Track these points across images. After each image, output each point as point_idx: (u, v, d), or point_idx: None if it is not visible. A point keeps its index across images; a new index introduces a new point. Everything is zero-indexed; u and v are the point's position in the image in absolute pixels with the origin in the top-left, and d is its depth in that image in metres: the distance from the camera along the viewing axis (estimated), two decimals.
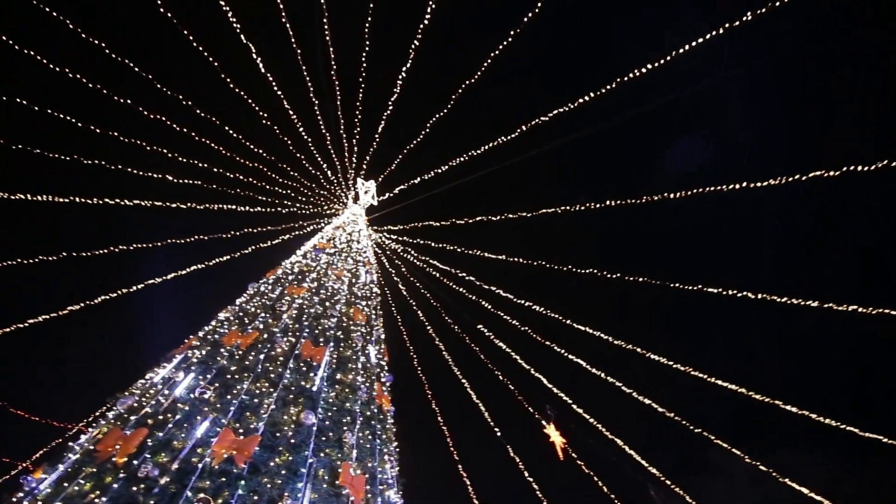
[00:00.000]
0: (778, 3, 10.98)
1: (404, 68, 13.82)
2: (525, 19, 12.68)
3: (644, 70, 11.77)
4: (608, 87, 12.60)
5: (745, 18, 11.39)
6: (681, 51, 11.37)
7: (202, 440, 12.55)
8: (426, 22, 12.48)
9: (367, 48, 14.22)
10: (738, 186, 12.76)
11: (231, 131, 16.31)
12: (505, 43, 13.31)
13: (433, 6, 12.20)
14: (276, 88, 13.81)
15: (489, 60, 13.39)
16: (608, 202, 14.74)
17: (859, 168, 11.79)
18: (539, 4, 12.98)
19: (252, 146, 16.88)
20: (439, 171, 16.23)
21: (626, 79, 12.32)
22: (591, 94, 13.52)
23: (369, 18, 12.76)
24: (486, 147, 14.83)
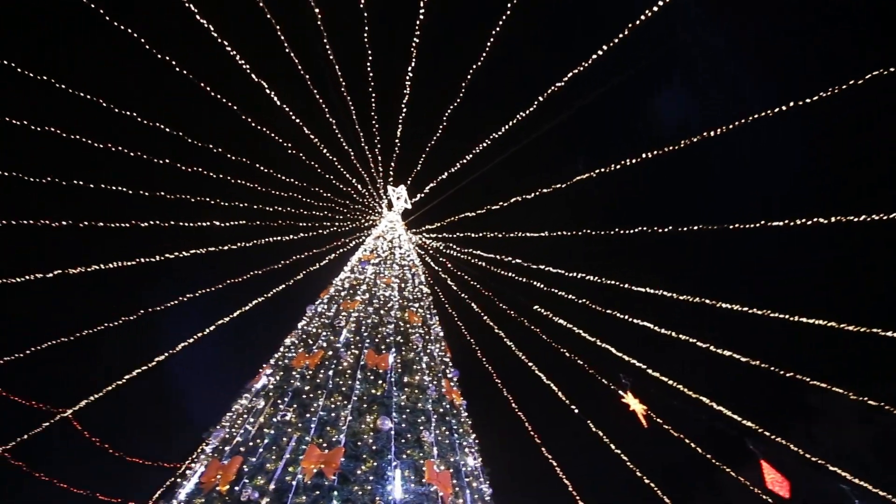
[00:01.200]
0: None
1: (409, 68, 14.56)
2: None
3: (634, 24, 12.14)
4: (601, 49, 13.01)
5: None
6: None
7: (291, 459, 13.81)
8: (421, 17, 13.14)
9: (369, 57, 15.03)
10: (756, 117, 12.91)
11: (262, 168, 17.62)
12: (500, 23, 13.87)
13: (423, 2, 12.87)
14: (294, 118, 14.85)
15: (489, 43, 13.84)
16: (643, 155, 15.08)
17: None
18: None
19: (283, 177, 18.10)
20: (464, 160, 16.92)
21: (615, 40, 12.76)
22: (584, 64, 13.93)
23: (365, 28, 13.57)
24: (502, 130, 15.42)
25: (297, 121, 14.47)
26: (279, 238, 19.84)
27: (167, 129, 15.05)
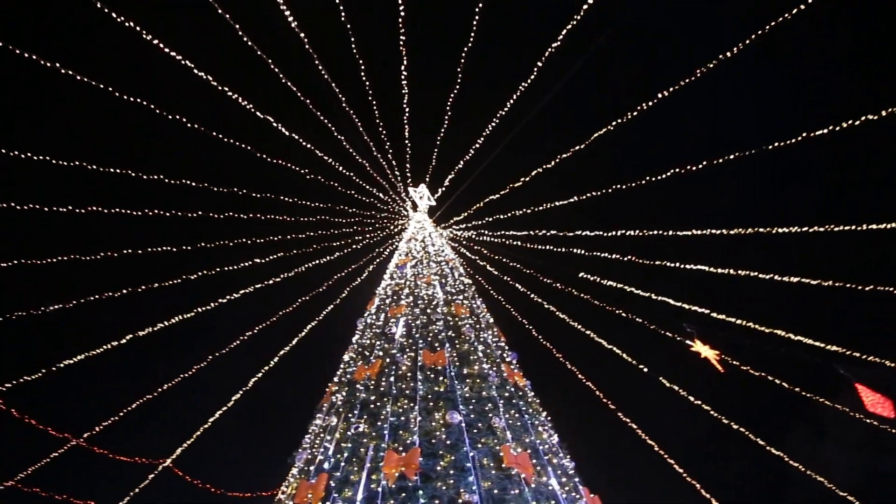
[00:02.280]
0: None
1: (402, 66, 15.05)
2: None
3: None
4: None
5: None
6: None
7: (373, 468, 14.80)
8: (401, 12, 13.57)
9: (361, 66, 15.63)
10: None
11: (286, 199, 18.65)
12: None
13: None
14: (304, 143, 15.69)
15: (475, 20, 14.12)
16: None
17: None
18: None
19: (308, 203, 19.10)
20: (476, 145, 17.39)
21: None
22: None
23: (351, 39, 14.16)
24: (507, 106, 15.77)
25: (309, 146, 15.38)
26: (317, 261, 21.06)
27: (193, 184, 16.29)
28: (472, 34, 14.38)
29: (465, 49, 14.73)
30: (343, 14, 12.77)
